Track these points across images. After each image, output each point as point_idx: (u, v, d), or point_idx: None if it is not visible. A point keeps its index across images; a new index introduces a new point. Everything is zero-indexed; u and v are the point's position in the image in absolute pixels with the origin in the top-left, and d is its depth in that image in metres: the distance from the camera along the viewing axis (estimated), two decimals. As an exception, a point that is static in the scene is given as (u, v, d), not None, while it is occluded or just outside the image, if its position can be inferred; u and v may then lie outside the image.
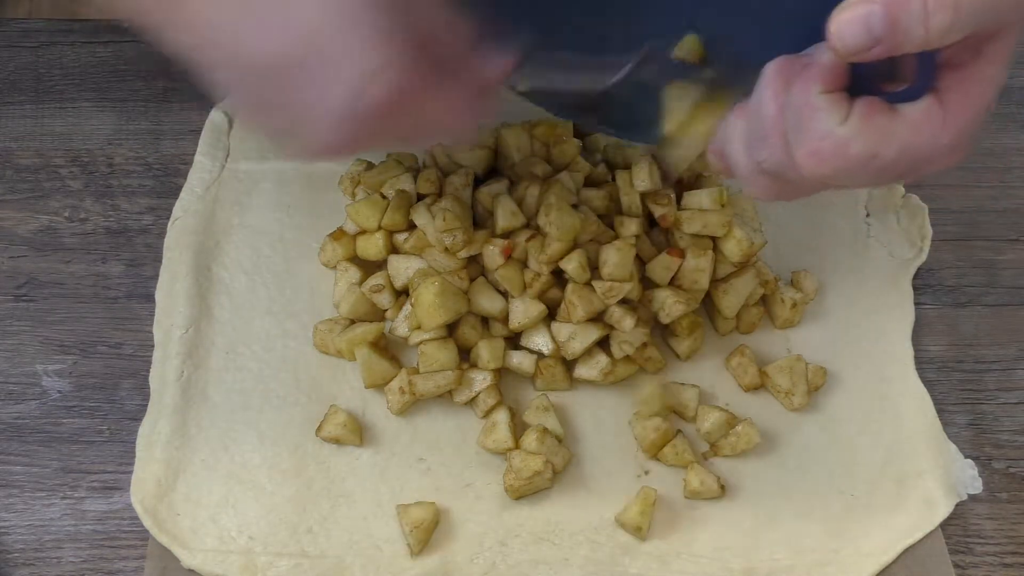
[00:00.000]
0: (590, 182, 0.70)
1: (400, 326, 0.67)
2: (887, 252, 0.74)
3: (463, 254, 0.66)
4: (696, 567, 0.61)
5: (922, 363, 0.69)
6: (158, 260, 0.72)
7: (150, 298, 0.70)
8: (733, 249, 0.66)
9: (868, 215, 0.76)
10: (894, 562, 0.62)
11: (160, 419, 0.65)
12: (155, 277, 0.71)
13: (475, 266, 0.67)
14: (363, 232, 0.70)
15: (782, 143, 0.44)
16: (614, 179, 0.69)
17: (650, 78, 0.55)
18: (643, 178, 0.67)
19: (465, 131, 0.54)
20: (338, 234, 0.71)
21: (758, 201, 0.72)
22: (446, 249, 0.65)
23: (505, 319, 0.66)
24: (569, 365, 0.67)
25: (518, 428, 0.65)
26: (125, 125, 0.79)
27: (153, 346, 0.68)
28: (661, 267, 0.66)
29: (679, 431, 0.65)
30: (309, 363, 0.68)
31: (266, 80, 0.46)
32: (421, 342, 0.65)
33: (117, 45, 0.83)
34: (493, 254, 0.66)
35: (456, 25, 0.50)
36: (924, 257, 0.74)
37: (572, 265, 0.64)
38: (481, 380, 0.65)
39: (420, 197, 0.70)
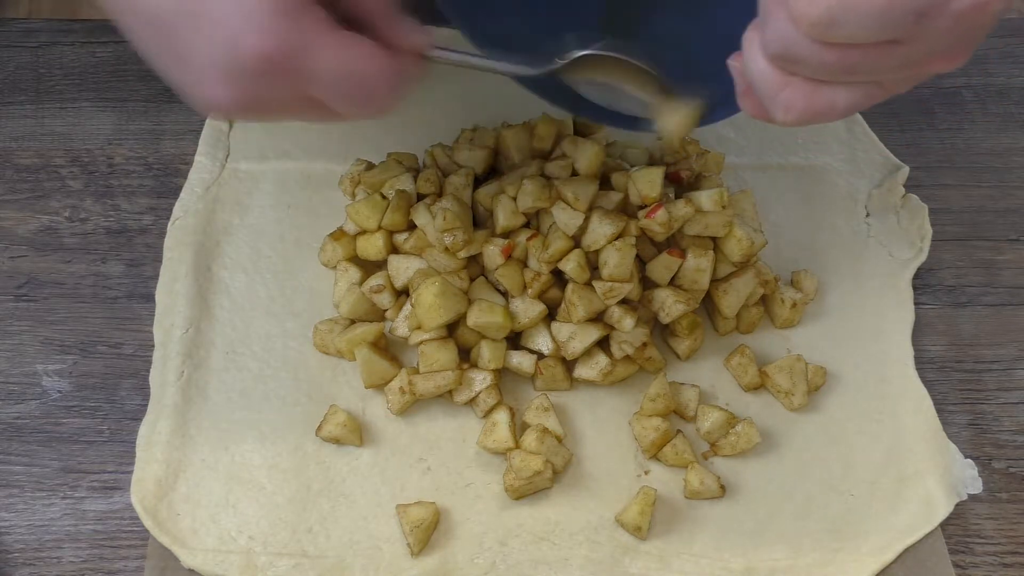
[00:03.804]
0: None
1: (400, 326, 0.67)
2: (887, 252, 0.74)
3: (463, 254, 0.66)
4: (696, 567, 0.61)
5: (922, 363, 0.69)
6: (158, 260, 0.72)
7: (150, 298, 0.70)
8: (733, 249, 0.66)
9: (868, 215, 0.76)
10: (894, 562, 0.62)
11: (160, 419, 0.65)
12: (155, 277, 0.71)
13: (475, 266, 0.67)
14: (363, 232, 0.70)
15: (784, 12, 0.42)
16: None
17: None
18: (646, 182, 0.67)
19: (374, 97, 0.49)
20: (338, 234, 0.71)
21: (759, 201, 0.72)
22: (446, 249, 0.65)
23: (505, 319, 0.66)
24: (569, 365, 0.67)
25: (518, 428, 0.65)
26: (125, 125, 0.79)
27: (153, 346, 0.68)
28: (661, 267, 0.66)
29: (679, 431, 0.65)
30: (309, 363, 0.68)
31: (157, 29, 0.46)
32: (421, 342, 0.65)
33: (117, 45, 0.83)
34: (493, 254, 0.66)
35: None
36: (924, 257, 0.74)
37: (571, 265, 0.64)
38: (481, 380, 0.65)
39: (420, 197, 0.70)
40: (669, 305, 0.66)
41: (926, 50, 0.42)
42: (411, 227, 0.69)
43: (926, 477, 0.64)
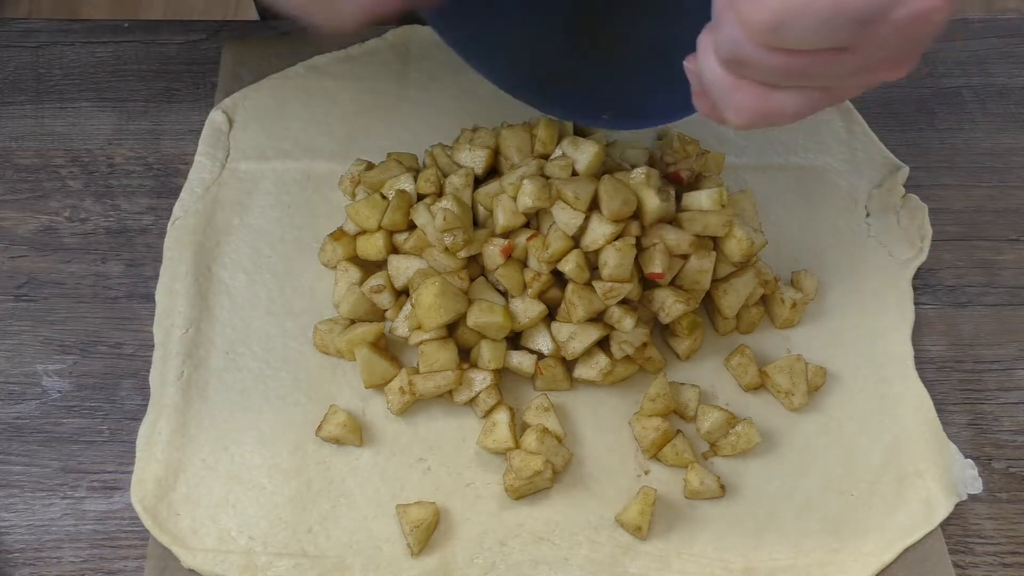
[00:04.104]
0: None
1: (400, 326, 0.67)
2: (887, 252, 0.74)
3: (463, 254, 0.66)
4: (696, 567, 0.61)
5: (922, 363, 0.69)
6: (158, 260, 0.72)
7: (150, 298, 0.70)
8: (733, 249, 0.66)
9: (868, 215, 0.76)
10: (894, 562, 0.62)
11: (160, 419, 0.65)
12: (155, 277, 0.71)
13: (475, 266, 0.67)
14: (363, 232, 0.70)
15: (732, 16, 0.43)
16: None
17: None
18: (642, 181, 0.67)
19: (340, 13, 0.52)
20: (338, 234, 0.71)
21: (759, 200, 0.72)
22: (446, 249, 0.65)
23: (505, 319, 0.66)
24: (569, 365, 0.67)
25: (518, 428, 0.65)
26: (125, 125, 0.79)
27: (153, 346, 0.68)
28: (661, 267, 0.66)
29: (679, 431, 0.65)
30: (309, 363, 0.68)
31: None
32: (421, 342, 0.65)
33: (117, 45, 0.83)
34: (493, 254, 0.66)
35: None
36: (924, 257, 0.74)
37: (570, 266, 0.64)
38: (481, 380, 0.65)
39: (420, 197, 0.70)
40: (669, 305, 0.66)
41: (872, 57, 0.43)
42: (411, 227, 0.69)
43: (926, 477, 0.64)
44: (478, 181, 0.70)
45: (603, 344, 0.66)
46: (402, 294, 0.69)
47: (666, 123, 0.66)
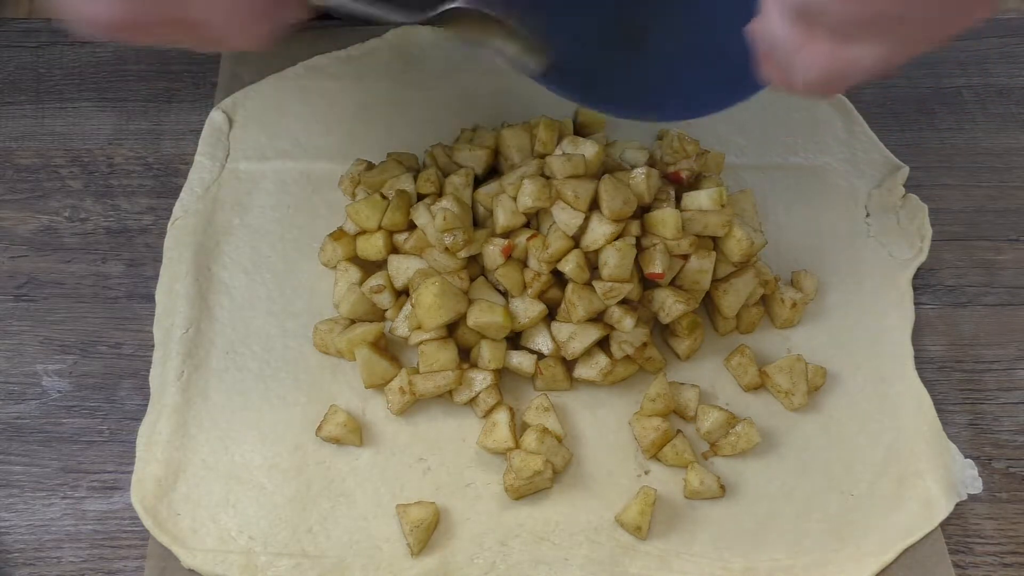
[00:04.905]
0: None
1: (400, 326, 0.67)
2: (887, 252, 0.74)
3: (463, 254, 0.66)
4: (696, 567, 0.61)
5: (922, 363, 0.69)
6: (158, 260, 0.72)
7: (150, 298, 0.70)
8: (733, 249, 0.66)
9: (868, 215, 0.76)
10: (894, 562, 0.62)
11: (160, 419, 0.65)
12: (155, 277, 0.71)
13: (475, 266, 0.67)
14: (363, 232, 0.70)
15: None
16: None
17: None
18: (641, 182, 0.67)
19: (250, 26, 0.51)
20: (338, 234, 0.71)
21: (759, 200, 0.72)
22: (446, 249, 0.65)
23: (505, 319, 0.66)
24: (569, 365, 0.67)
25: (518, 428, 0.65)
26: (125, 125, 0.79)
27: (153, 346, 0.68)
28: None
29: (679, 431, 0.65)
30: (309, 363, 0.68)
31: None
32: (421, 342, 0.65)
33: (117, 45, 0.83)
34: (493, 254, 0.66)
35: None
36: (924, 257, 0.74)
37: (570, 266, 0.64)
38: (481, 380, 0.65)
39: (420, 197, 0.70)
40: (669, 305, 0.66)
41: None
42: (411, 227, 0.69)
43: (926, 477, 0.64)
44: (478, 181, 0.70)
45: (603, 344, 0.66)
46: (402, 294, 0.69)
47: (710, 113, 0.65)
